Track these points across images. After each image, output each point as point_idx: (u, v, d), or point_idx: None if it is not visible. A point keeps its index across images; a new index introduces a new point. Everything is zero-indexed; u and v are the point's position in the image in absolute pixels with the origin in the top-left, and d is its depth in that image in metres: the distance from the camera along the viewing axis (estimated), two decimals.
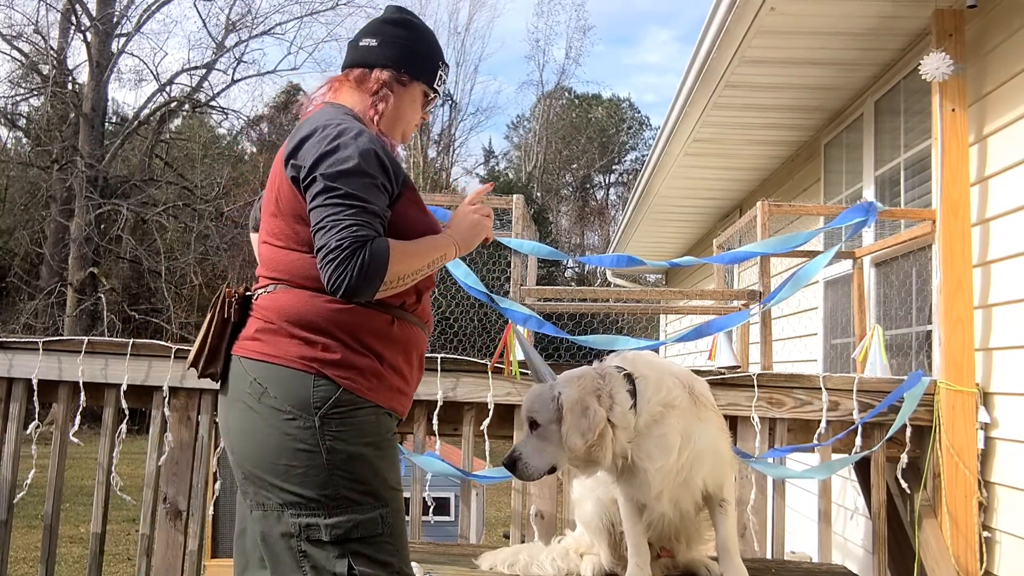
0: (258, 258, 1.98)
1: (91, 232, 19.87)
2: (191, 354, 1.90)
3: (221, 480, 4.06)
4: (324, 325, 1.78)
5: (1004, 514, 3.12)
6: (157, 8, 22.61)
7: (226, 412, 1.87)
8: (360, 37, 2.07)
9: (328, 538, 1.72)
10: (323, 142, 1.79)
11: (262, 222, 1.96)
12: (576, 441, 2.04)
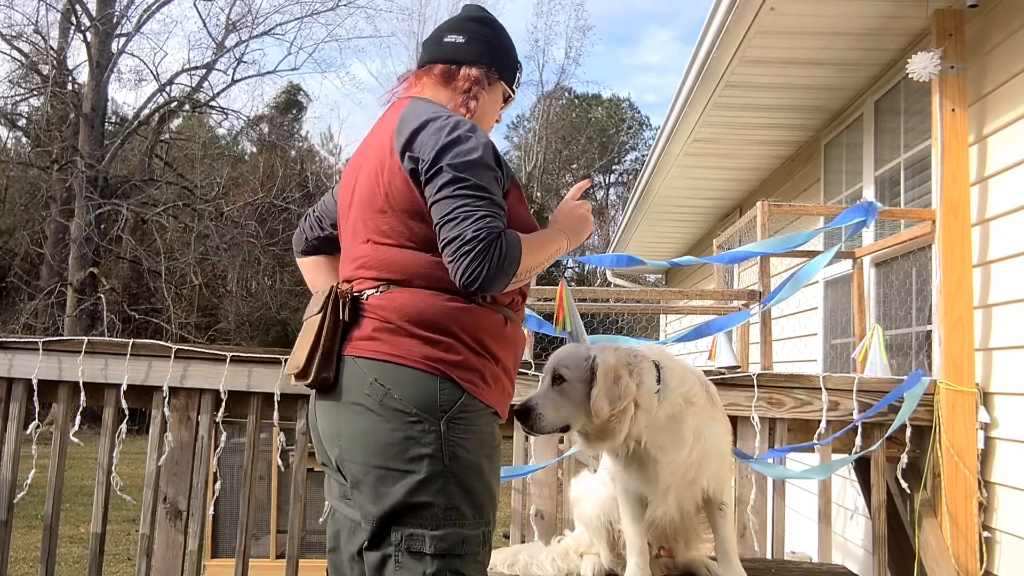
0: (355, 258, 1.87)
1: (91, 232, 19.88)
2: (298, 360, 1.78)
3: (221, 480, 4.06)
4: (446, 324, 1.73)
5: (1004, 514, 3.12)
6: (157, 8, 22.62)
7: (335, 417, 1.77)
8: (443, 33, 2.03)
9: (431, 551, 1.66)
10: (442, 133, 1.75)
11: (359, 221, 1.87)
12: (603, 406, 2.03)
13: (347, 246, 1.93)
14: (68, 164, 20.19)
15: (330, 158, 31.77)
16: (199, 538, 3.32)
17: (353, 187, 1.92)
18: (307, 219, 2.15)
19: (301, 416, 3.35)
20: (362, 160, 1.93)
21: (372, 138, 1.95)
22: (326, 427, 1.81)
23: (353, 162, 1.99)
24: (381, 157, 1.84)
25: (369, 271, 1.81)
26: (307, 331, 1.80)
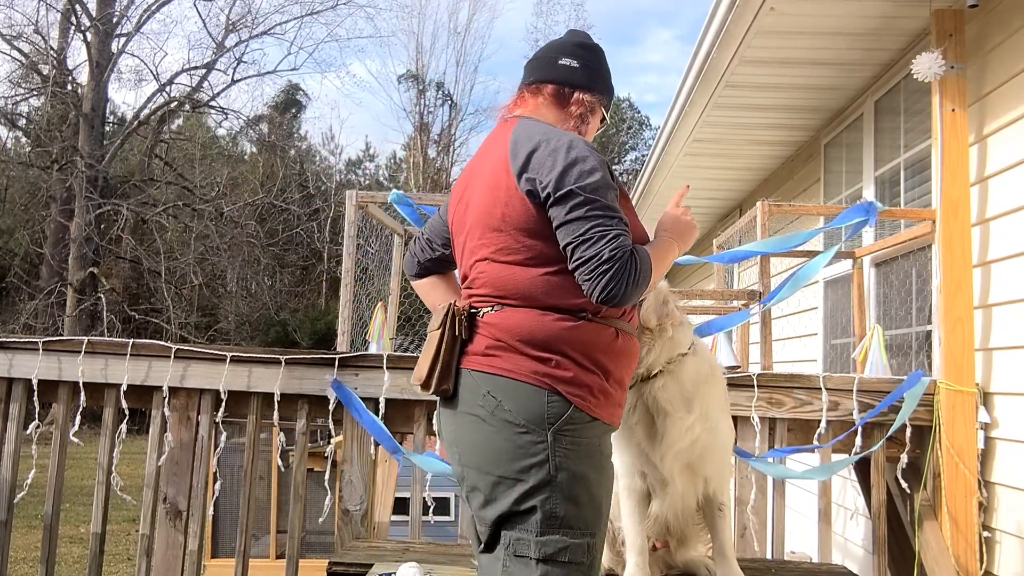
0: (470, 276, 1.95)
1: (91, 232, 19.88)
2: (420, 371, 1.88)
3: (221, 480, 4.07)
4: (554, 343, 1.80)
5: (1004, 514, 3.12)
6: (157, 8, 22.63)
7: (454, 425, 1.88)
8: (555, 55, 2.09)
9: (536, 556, 1.73)
10: (559, 154, 1.81)
11: (474, 239, 1.93)
12: (651, 317, 2.17)
13: (462, 263, 2.00)
14: (68, 164, 20.20)
15: (330, 158, 31.80)
16: (199, 538, 3.32)
17: (466, 205, 1.98)
18: (417, 242, 2.23)
19: (301, 416, 3.35)
20: (472, 178, 2.00)
21: (484, 156, 2.01)
22: (447, 433, 1.93)
23: (463, 179, 2.06)
24: (496, 177, 1.90)
25: (484, 288, 1.90)
26: (428, 345, 1.90)
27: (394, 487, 3.72)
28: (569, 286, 1.80)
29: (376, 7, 36.52)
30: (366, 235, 5.83)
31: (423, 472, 3.31)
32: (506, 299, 1.85)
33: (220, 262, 22.34)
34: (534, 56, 2.13)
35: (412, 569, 2.56)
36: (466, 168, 2.08)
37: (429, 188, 27.26)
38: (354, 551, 2.97)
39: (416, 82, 30.98)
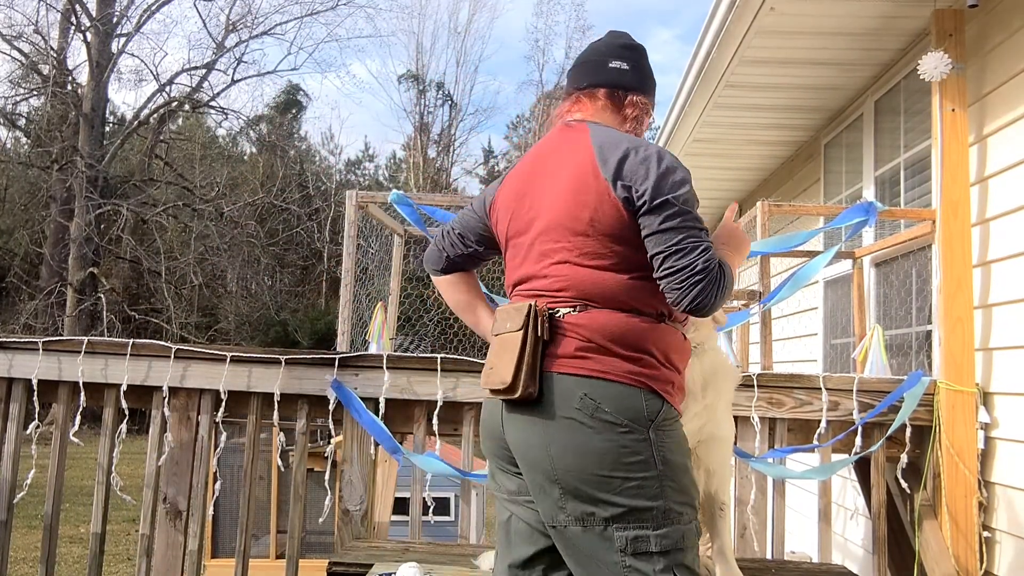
0: (537, 276, 1.94)
1: (91, 232, 19.89)
2: (503, 375, 1.85)
3: (221, 480, 4.07)
4: (642, 343, 1.85)
5: (1004, 514, 3.12)
6: (157, 8, 22.64)
7: (541, 429, 1.84)
8: (605, 58, 2.10)
9: (657, 549, 1.76)
10: (650, 163, 1.85)
11: (549, 241, 1.93)
12: None
13: (524, 263, 1.98)
14: (68, 164, 20.20)
15: (330, 158, 31.80)
16: (199, 538, 3.32)
17: (530, 207, 1.98)
18: (446, 237, 2.21)
19: (301, 416, 3.35)
20: (536, 179, 1.99)
21: (551, 159, 1.99)
22: (523, 439, 1.87)
23: (519, 181, 2.04)
24: (582, 181, 1.90)
25: (566, 291, 1.89)
26: (507, 347, 1.87)
27: (394, 487, 3.72)
28: (649, 291, 1.86)
29: (376, 7, 36.59)
30: (366, 235, 5.83)
31: (423, 472, 3.31)
32: (590, 301, 1.87)
33: (220, 262, 22.35)
34: (581, 60, 2.14)
35: (412, 569, 2.56)
36: (522, 170, 2.07)
37: (429, 188, 27.26)
38: (354, 551, 2.97)
39: (416, 82, 31.00)
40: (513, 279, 2.03)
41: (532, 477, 1.85)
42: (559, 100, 2.17)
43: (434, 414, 3.27)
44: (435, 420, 3.26)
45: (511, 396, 1.84)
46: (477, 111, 38.69)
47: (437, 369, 3.29)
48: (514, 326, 1.88)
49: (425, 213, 4.09)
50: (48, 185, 20.86)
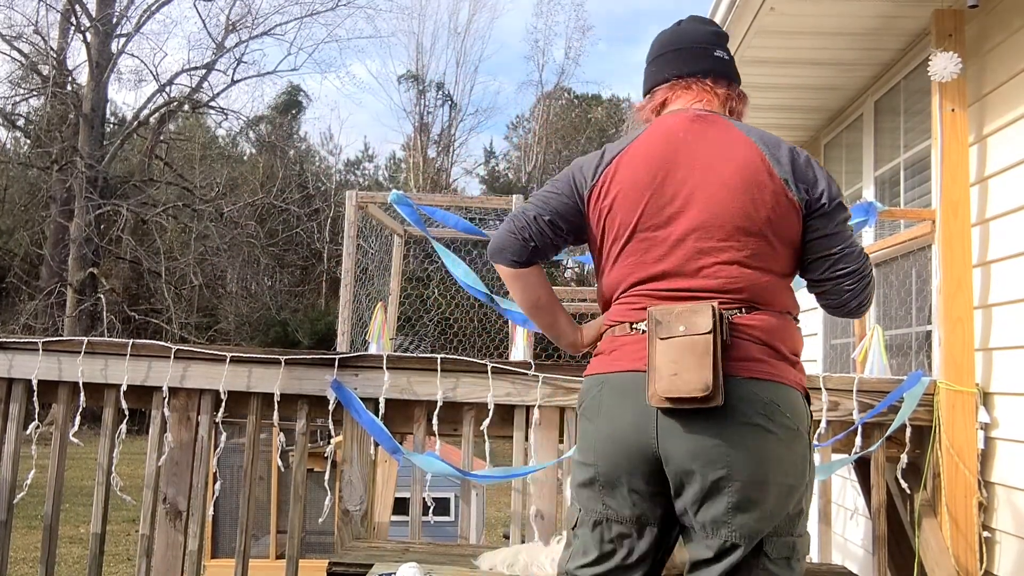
0: (690, 271, 1.83)
1: (91, 232, 19.89)
2: (703, 379, 1.70)
3: (221, 480, 4.07)
4: (797, 347, 1.89)
5: (1004, 514, 3.12)
6: (157, 8, 22.65)
7: (727, 438, 1.73)
8: (708, 47, 2.01)
9: (798, 554, 1.78)
10: (813, 163, 1.86)
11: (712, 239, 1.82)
12: None
13: (672, 261, 1.84)
14: (68, 164, 20.20)
15: (329, 158, 31.80)
16: (199, 538, 3.32)
17: (671, 197, 1.84)
18: (532, 224, 1.96)
19: (301, 416, 3.35)
20: (679, 169, 1.86)
21: (699, 148, 1.87)
22: (696, 449, 1.73)
23: (651, 167, 1.88)
24: (754, 178, 1.82)
25: (735, 293, 1.81)
26: (694, 351, 1.74)
27: (394, 487, 3.72)
28: (791, 293, 1.88)
29: (376, 7, 36.61)
30: (366, 235, 5.84)
31: (423, 472, 3.31)
32: (755, 303, 1.82)
33: (220, 262, 22.35)
34: (678, 45, 2.02)
35: (412, 569, 2.56)
36: (650, 156, 1.89)
37: (429, 188, 27.26)
38: (354, 551, 2.97)
39: (416, 82, 31.00)
40: (641, 275, 1.87)
41: (698, 489, 1.73)
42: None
43: (434, 414, 3.27)
44: (435, 420, 3.26)
45: (709, 404, 1.70)
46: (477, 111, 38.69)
47: (437, 369, 3.29)
48: (695, 328, 1.74)
49: (425, 213, 4.09)
50: (48, 185, 20.87)
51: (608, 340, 1.91)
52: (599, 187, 1.91)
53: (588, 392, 1.89)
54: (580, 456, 1.89)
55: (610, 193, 1.90)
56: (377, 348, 4.86)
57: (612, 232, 1.91)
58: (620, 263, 1.90)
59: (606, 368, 1.87)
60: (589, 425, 1.86)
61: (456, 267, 3.56)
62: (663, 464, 1.76)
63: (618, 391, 1.82)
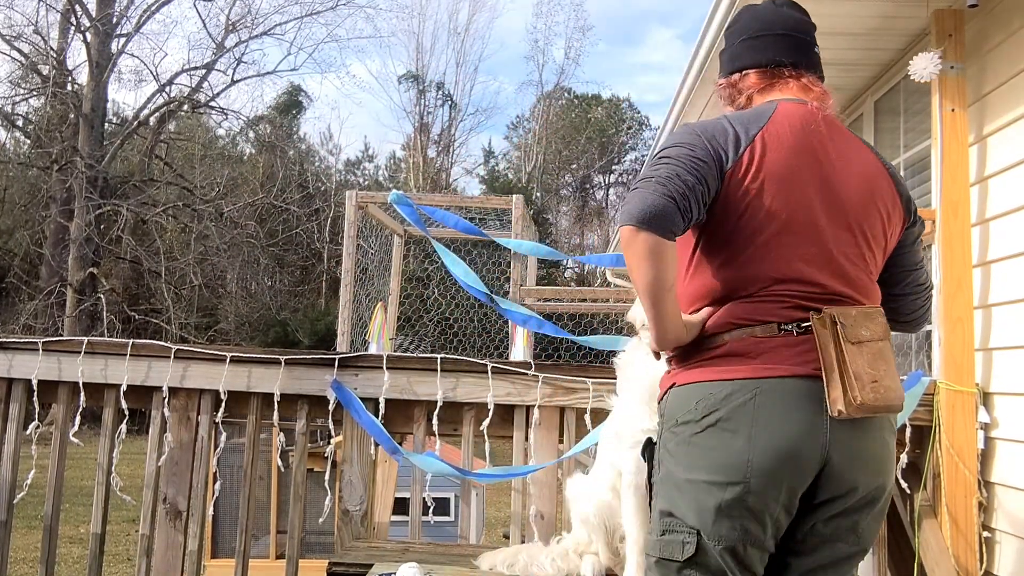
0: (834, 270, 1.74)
1: (91, 232, 19.89)
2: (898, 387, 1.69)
3: (221, 480, 4.06)
4: None
5: (1004, 514, 3.12)
6: (157, 8, 22.66)
7: (885, 446, 1.73)
8: (811, 39, 1.93)
9: None
10: None
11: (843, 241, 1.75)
12: None
13: (814, 264, 1.73)
14: (68, 164, 20.20)
15: (329, 158, 31.81)
16: (199, 538, 3.32)
17: (820, 196, 1.75)
18: (692, 192, 1.66)
19: (301, 416, 3.35)
20: (822, 168, 1.76)
21: (836, 150, 1.80)
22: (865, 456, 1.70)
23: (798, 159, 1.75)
24: (887, 194, 1.83)
25: (871, 302, 1.80)
26: (883, 358, 1.69)
27: (394, 487, 3.72)
28: None
29: (376, 7, 36.54)
30: (366, 235, 5.84)
31: (423, 472, 3.31)
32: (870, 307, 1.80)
33: (220, 262, 22.35)
34: (788, 32, 1.91)
35: (412, 569, 2.56)
36: (796, 148, 1.76)
37: (429, 188, 27.28)
38: (354, 551, 2.97)
39: (416, 82, 31.02)
40: (788, 273, 1.71)
41: (858, 499, 1.70)
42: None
43: (434, 414, 3.27)
44: (435, 420, 3.26)
45: (894, 413, 1.72)
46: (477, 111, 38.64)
47: (437, 369, 3.28)
48: (876, 334, 1.69)
49: (425, 213, 4.09)
50: (48, 185, 20.87)
51: (744, 341, 1.70)
52: (744, 165, 1.72)
53: (729, 399, 1.66)
54: (712, 474, 1.64)
55: (758, 176, 1.71)
56: (377, 348, 4.87)
57: (756, 219, 1.71)
58: (761, 256, 1.72)
59: (756, 372, 1.66)
60: (732, 437, 1.63)
61: (456, 267, 3.56)
62: (819, 476, 1.65)
63: (781, 398, 1.64)
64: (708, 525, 1.63)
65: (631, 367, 2.31)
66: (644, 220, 1.62)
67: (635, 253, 1.64)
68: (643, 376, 2.25)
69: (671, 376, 1.82)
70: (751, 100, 1.92)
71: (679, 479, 1.69)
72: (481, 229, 4.09)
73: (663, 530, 1.70)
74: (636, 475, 2.28)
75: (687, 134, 1.75)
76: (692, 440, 1.68)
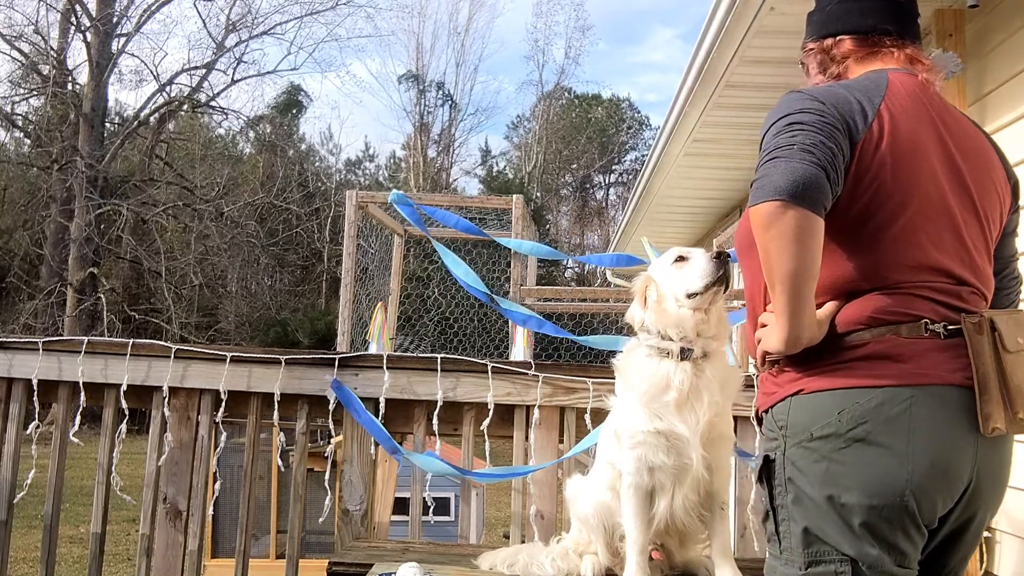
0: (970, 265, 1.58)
1: (91, 232, 19.90)
2: None
3: (221, 480, 4.07)
4: None
5: (1004, 514, 3.11)
6: (157, 8, 22.67)
7: (1003, 464, 1.57)
8: (915, 10, 1.75)
9: None
10: None
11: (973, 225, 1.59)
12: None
13: (961, 254, 1.56)
14: (68, 164, 20.21)
15: (329, 158, 31.83)
16: (199, 538, 3.32)
17: (957, 175, 1.58)
18: (835, 161, 1.47)
19: (301, 416, 3.35)
20: (948, 142, 1.59)
21: (956, 126, 1.64)
22: (1000, 471, 1.57)
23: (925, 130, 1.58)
24: (1000, 173, 1.68)
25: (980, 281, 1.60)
26: None
27: (394, 487, 3.72)
28: None
29: (376, 7, 36.59)
30: (366, 235, 5.84)
31: (423, 472, 3.31)
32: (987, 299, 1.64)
33: (220, 262, 22.37)
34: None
35: (412, 569, 2.55)
36: (919, 120, 1.58)
37: (429, 188, 27.28)
38: (354, 551, 2.97)
39: (416, 82, 31.03)
40: (926, 261, 1.52)
41: (988, 513, 1.60)
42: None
43: (434, 414, 3.27)
44: (435, 420, 3.26)
45: None
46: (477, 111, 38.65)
47: (437, 369, 3.28)
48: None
49: (425, 213, 4.09)
50: (48, 185, 20.87)
51: (887, 341, 1.50)
52: (874, 139, 1.53)
53: (881, 410, 1.46)
54: (864, 495, 1.46)
55: (888, 151, 1.52)
56: (377, 348, 4.87)
57: (892, 200, 1.52)
58: (899, 242, 1.52)
59: (908, 379, 1.47)
60: (885, 454, 1.45)
61: (456, 267, 3.56)
62: (960, 497, 1.52)
63: (939, 410, 1.47)
64: (864, 552, 1.46)
65: (630, 368, 2.31)
66: (795, 194, 1.41)
67: (781, 234, 1.42)
68: (642, 376, 2.25)
69: (790, 381, 1.58)
70: (848, 70, 1.74)
71: (820, 501, 1.49)
72: (481, 229, 4.09)
73: (809, 561, 1.50)
74: (635, 475, 2.28)
75: (807, 99, 1.55)
76: (835, 457, 1.47)
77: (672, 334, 2.20)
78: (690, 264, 2.21)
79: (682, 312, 2.20)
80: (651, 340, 2.25)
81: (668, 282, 2.24)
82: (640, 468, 2.27)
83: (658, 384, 2.21)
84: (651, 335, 2.25)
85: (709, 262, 2.16)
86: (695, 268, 2.18)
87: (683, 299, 2.20)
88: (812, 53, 1.85)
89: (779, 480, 1.56)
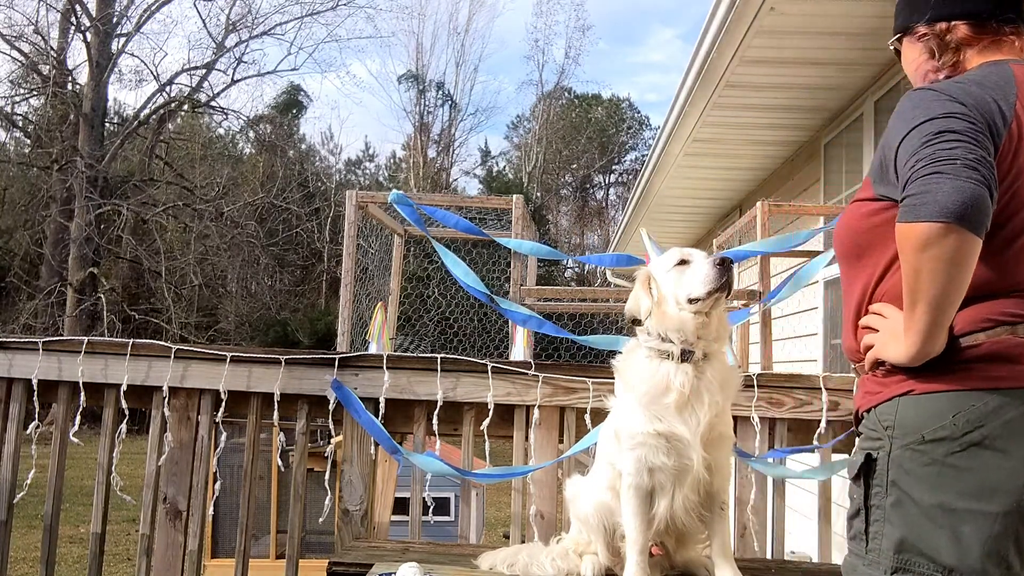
0: None
1: (91, 232, 19.89)
2: None
3: (221, 480, 4.07)
4: None
5: None
6: (157, 8, 22.66)
7: None
8: None
9: None
10: None
11: None
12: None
13: None
14: (68, 164, 20.21)
15: (330, 158, 31.83)
16: (199, 538, 3.32)
17: None
18: (995, 186, 1.40)
19: (301, 416, 3.35)
20: None
21: None
22: None
23: None
24: None
25: None
26: None
27: (394, 487, 3.73)
28: None
29: (376, 7, 36.60)
30: (366, 235, 5.84)
31: (423, 472, 3.31)
32: None
33: (220, 262, 22.36)
34: None
35: (412, 569, 2.55)
36: None
37: (429, 188, 27.28)
38: (354, 551, 2.97)
39: (416, 82, 31.04)
40: None
41: None
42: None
43: (434, 414, 3.27)
44: (435, 420, 3.26)
45: None
46: (477, 111, 38.65)
47: (437, 369, 3.28)
48: None
49: (425, 213, 4.09)
50: (48, 185, 20.87)
51: (1003, 342, 1.47)
52: (1013, 146, 1.47)
53: (998, 413, 1.43)
54: (978, 502, 1.41)
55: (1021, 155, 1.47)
56: (377, 348, 4.87)
57: (1022, 211, 1.48)
58: (1020, 251, 1.49)
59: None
60: (1002, 458, 1.41)
61: (456, 267, 3.56)
62: None
63: None
64: (970, 562, 1.40)
65: (630, 369, 2.31)
66: (963, 216, 1.32)
67: (938, 256, 1.34)
68: (642, 378, 2.25)
69: (898, 382, 1.55)
70: (967, 60, 1.65)
71: (928, 506, 1.43)
72: (481, 229, 4.09)
73: (896, 567, 1.46)
74: (636, 476, 2.28)
75: (950, 101, 1.46)
76: (948, 461, 1.43)
77: (672, 336, 2.20)
78: (692, 268, 2.20)
79: (683, 315, 2.19)
80: (651, 341, 2.25)
81: (669, 284, 2.23)
82: (640, 469, 2.27)
83: (658, 386, 2.21)
84: (651, 336, 2.25)
85: (712, 268, 2.15)
86: (698, 273, 2.18)
87: (684, 303, 2.19)
88: (923, 38, 1.74)
89: (879, 481, 1.52)
